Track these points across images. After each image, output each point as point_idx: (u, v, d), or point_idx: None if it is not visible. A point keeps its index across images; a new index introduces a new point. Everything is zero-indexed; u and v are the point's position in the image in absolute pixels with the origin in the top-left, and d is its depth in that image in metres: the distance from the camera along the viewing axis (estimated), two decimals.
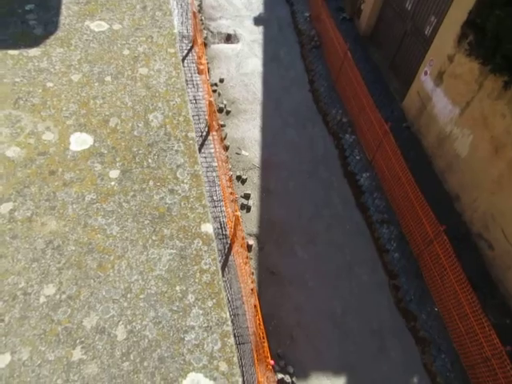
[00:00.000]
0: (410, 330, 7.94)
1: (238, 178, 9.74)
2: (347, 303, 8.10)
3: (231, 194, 8.90)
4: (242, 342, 7.29)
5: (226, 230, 8.71)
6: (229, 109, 11.04)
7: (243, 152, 10.29)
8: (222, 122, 10.60)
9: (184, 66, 11.52)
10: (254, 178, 9.86)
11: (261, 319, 6.58)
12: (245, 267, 7.70)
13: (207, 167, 9.61)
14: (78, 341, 0.99)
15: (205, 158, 9.78)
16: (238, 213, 8.01)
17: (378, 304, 8.21)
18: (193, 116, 10.49)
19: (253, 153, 10.31)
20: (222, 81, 11.70)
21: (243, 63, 12.36)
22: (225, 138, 10.36)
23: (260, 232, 8.96)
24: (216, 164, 9.72)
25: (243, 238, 8.24)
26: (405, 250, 8.84)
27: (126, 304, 1.04)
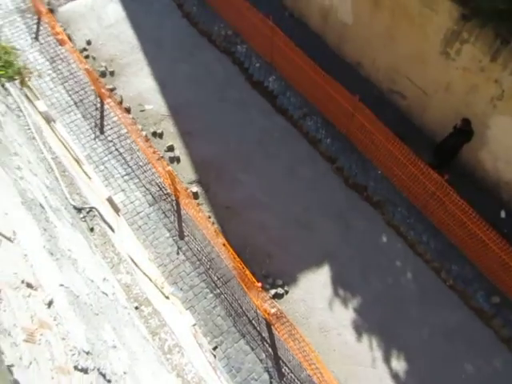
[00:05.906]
0: (366, 200, 8.56)
1: (154, 134, 9.30)
2: (304, 202, 8.47)
3: (154, 153, 8.56)
4: (226, 280, 7.54)
5: (166, 189, 8.52)
6: (111, 69, 10.14)
7: (146, 106, 9.71)
8: (110, 86, 9.78)
9: (41, 43, 10.21)
10: (169, 127, 9.46)
11: (234, 253, 6.77)
12: (199, 214, 7.70)
13: (118, 137, 9.04)
14: None
15: (111, 128, 9.15)
16: (169, 167, 7.78)
17: (331, 190, 8.66)
18: (77, 92, 9.56)
19: (156, 103, 9.76)
20: (89, 43, 10.56)
21: (102, 15, 11.14)
22: (122, 101, 9.65)
23: (199, 176, 8.84)
24: (125, 130, 9.16)
25: (186, 189, 8.13)
26: (334, 133, 9.17)
27: None
